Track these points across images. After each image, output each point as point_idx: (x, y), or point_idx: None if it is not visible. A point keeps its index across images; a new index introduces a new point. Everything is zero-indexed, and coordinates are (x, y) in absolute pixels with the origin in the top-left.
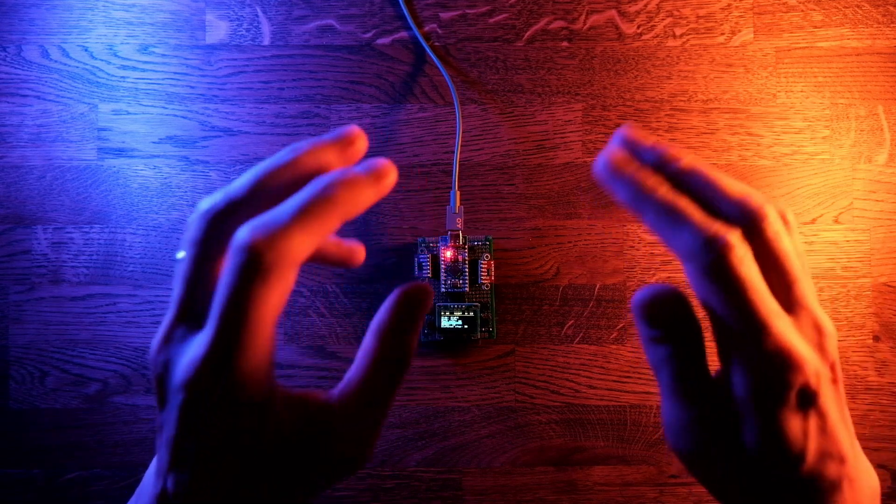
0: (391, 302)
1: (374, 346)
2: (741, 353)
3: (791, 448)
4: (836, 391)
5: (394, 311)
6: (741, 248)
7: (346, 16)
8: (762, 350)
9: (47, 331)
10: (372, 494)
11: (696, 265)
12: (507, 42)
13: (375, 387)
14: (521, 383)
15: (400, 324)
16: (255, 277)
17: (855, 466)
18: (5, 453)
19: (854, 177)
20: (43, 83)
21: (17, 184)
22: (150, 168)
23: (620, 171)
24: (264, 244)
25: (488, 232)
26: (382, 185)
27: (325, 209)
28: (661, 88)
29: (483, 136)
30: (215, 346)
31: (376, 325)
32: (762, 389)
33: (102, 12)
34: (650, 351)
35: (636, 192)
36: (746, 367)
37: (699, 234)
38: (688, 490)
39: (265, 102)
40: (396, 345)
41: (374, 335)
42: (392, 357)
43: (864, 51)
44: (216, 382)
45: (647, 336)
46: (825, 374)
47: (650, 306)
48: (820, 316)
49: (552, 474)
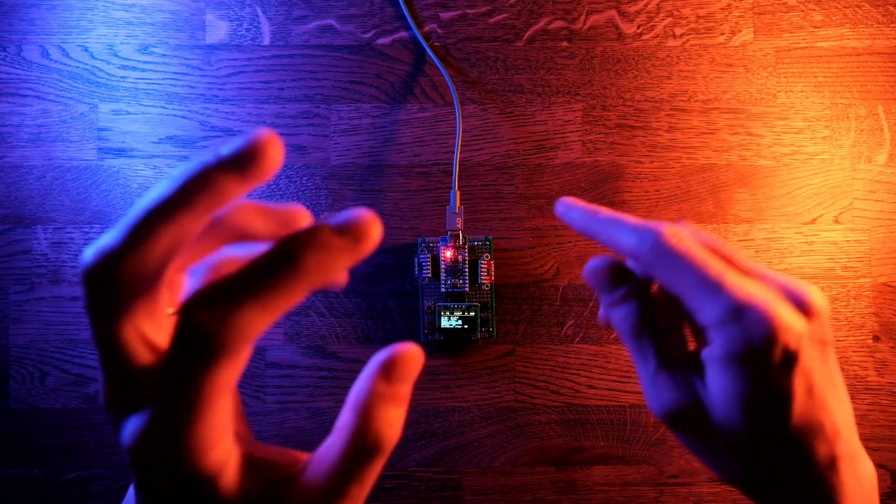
0: (373, 370)
1: (351, 425)
2: (706, 319)
3: (774, 408)
4: (826, 354)
5: (374, 384)
6: (678, 231)
7: (346, 16)
8: (724, 305)
9: (47, 331)
10: (372, 494)
11: (642, 255)
12: (507, 42)
13: (346, 473)
14: (521, 383)
15: (382, 399)
16: (205, 359)
17: (856, 450)
18: (5, 453)
19: (854, 177)
20: (43, 83)
21: (17, 184)
22: (150, 168)
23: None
24: (215, 323)
25: (488, 232)
26: (363, 248)
27: (288, 281)
28: (661, 88)
29: (483, 136)
30: (157, 424)
31: (354, 397)
32: (741, 343)
33: (102, 12)
34: (616, 314)
35: (583, 217)
36: (713, 330)
37: (636, 228)
38: (688, 490)
39: (265, 102)
40: (376, 429)
41: (352, 410)
42: (369, 443)
43: (864, 51)
44: (158, 456)
45: (611, 300)
46: (809, 333)
47: (609, 270)
48: (790, 281)
49: (552, 474)
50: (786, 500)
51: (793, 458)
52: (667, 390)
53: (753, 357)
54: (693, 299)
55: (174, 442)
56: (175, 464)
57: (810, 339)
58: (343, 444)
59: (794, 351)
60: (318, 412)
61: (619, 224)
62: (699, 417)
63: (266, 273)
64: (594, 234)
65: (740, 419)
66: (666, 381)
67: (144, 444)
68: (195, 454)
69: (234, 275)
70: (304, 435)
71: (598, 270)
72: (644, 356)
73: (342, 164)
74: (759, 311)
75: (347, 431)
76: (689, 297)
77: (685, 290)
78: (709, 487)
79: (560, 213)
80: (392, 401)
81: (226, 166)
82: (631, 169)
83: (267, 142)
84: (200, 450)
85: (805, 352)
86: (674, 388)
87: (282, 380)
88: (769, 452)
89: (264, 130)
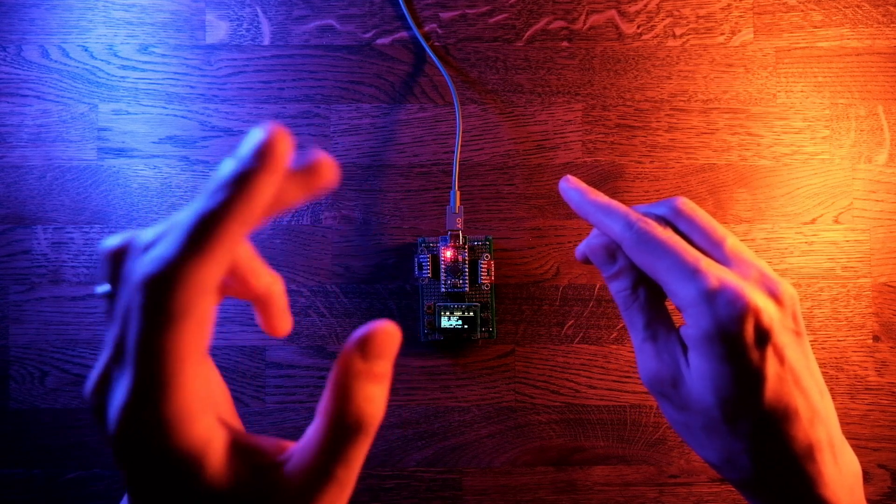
0: (349, 348)
1: (331, 405)
2: (681, 301)
3: (746, 387)
4: (800, 342)
5: (350, 361)
6: (658, 222)
7: (346, 16)
8: (697, 288)
9: (47, 331)
10: (372, 494)
11: (625, 242)
12: (507, 42)
13: (330, 454)
14: (521, 383)
15: (359, 376)
16: (159, 318)
17: (836, 440)
18: (5, 453)
19: (854, 177)
20: (43, 83)
21: (17, 184)
22: (150, 168)
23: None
24: (160, 279)
25: (488, 232)
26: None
27: (219, 220)
28: (661, 88)
29: (483, 136)
30: (135, 393)
31: (332, 378)
32: (713, 322)
33: (102, 12)
34: (612, 286)
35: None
36: (689, 312)
37: (625, 217)
38: (688, 490)
39: (265, 102)
40: (355, 406)
41: (331, 391)
42: (349, 422)
43: (864, 51)
44: (139, 432)
45: (608, 273)
46: (780, 319)
47: (604, 247)
48: (764, 268)
49: (552, 474)
50: (769, 492)
51: (768, 444)
52: (652, 359)
53: (725, 336)
54: (670, 283)
55: (153, 414)
56: (157, 440)
57: (782, 327)
58: (324, 425)
59: (765, 329)
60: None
61: (609, 210)
62: (679, 391)
63: (199, 219)
64: (586, 215)
65: (713, 396)
66: (651, 351)
67: (127, 418)
68: (176, 425)
69: (168, 228)
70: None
71: (595, 248)
72: (634, 326)
73: (342, 164)
74: (730, 291)
75: (328, 412)
76: (667, 281)
77: (663, 274)
78: (709, 487)
79: (562, 188)
80: (370, 378)
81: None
82: (631, 169)
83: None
84: (180, 420)
85: (777, 333)
86: (657, 358)
87: (282, 380)
88: (742, 433)
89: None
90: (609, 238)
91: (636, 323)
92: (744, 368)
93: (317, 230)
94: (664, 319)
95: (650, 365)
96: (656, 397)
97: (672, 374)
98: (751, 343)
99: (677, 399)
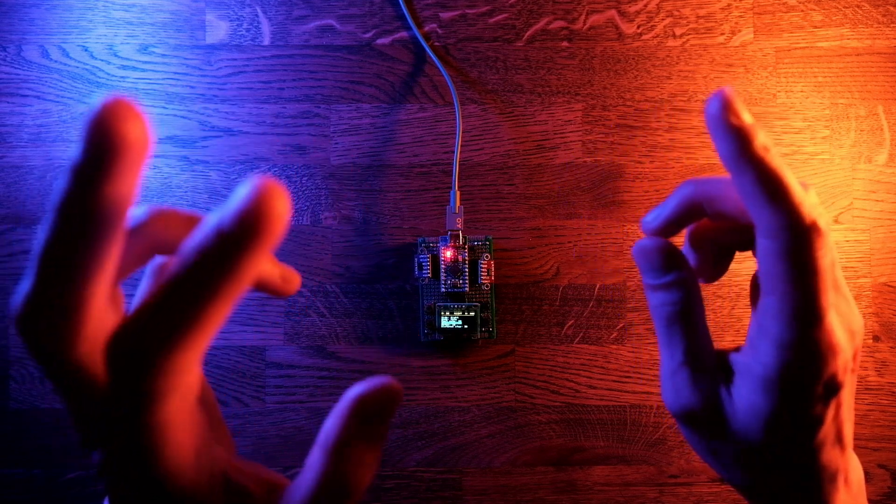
0: (346, 407)
1: (322, 466)
2: (786, 333)
3: (803, 433)
4: (854, 381)
5: (347, 423)
6: (828, 238)
7: (346, 16)
8: (811, 337)
9: None
10: (372, 494)
11: (777, 243)
12: (507, 42)
13: None
14: (521, 383)
15: (356, 439)
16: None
17: (850, 457)
18: (5, 453)
19: (854, 177)
20: (43, 83)
21: (17, 184)
22: (150, 168)
23: (733, 118)
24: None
25: (488, 232)
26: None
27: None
28: (661, 88)
29: (483, 136)
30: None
31: (325, 436)
32: (795, 372)
33: (102, 12)
34: (656, 297)
35: (743, 147)
36: (786, 348)
37: (794, 213)
38: (688, 490)
39: (265, 102)
40: (349, 473)
41: (323, 450)
42: (341, 486)
43: (864, 51)
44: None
45: (654, 283)
46: (850, 366)
47: (661, 252)
48: (854, 307)
49: (552, 474)
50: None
51: (800, 471)
52: (686, 388)
53: (796, 384)
54: (784, 308)
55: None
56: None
57: (849, 370)
58: (313, 487)
59: (839, 383)
60: (318, 412)
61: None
62: (714, 420)
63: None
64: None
65: (762, 434)
66: (687, 379)
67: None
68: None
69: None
70: (303, 435)
71: (649, 251)
72: (672, 348)
73: (342, 164)
74: (825, 344)
75: (318, 473)
76: (784, 302)
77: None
78: (709, 487)
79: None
80: (367, 441)
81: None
82: (631, 169)
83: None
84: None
85: (846, 383)
86: (694, 387)
87: (282, 380)
88: (782, 465)
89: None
90: (665, 242)
91: (676, 344)
92: (804, 413)
93: (317, 230)
94: (707, 344)
95: (684, 394)
96: (685, 426)
97: (709, 405)
98: (820, 394)
99: (709, 428)
